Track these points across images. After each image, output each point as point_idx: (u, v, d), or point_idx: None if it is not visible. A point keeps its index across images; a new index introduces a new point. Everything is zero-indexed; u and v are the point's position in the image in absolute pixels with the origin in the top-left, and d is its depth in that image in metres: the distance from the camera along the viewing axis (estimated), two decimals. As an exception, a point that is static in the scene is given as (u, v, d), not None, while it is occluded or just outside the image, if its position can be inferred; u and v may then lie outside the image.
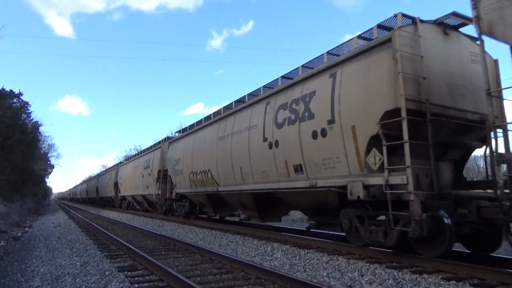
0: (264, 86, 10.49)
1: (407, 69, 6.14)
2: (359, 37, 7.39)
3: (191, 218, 15.83)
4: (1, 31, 42.46)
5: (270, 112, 9.36)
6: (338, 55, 7.97)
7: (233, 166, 10.95)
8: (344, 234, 7.60)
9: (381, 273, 5.61)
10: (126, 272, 6.03)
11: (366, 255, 6.87)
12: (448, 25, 7.00)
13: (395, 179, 5.98)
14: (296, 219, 16.81)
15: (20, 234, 13.08)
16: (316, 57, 8.50)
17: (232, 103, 12.35)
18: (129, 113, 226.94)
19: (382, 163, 6.25)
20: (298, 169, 8.26)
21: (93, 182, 47.22)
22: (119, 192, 29.59)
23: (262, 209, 10.78)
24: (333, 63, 7.51)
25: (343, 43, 7.89)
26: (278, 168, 8.91)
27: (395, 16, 6.59)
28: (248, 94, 11.34)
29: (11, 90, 30.49)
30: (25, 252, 8.79)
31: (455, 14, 6.75)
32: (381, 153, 6.24)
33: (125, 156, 53.55)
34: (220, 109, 13.20)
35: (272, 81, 10.14)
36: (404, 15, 6.57)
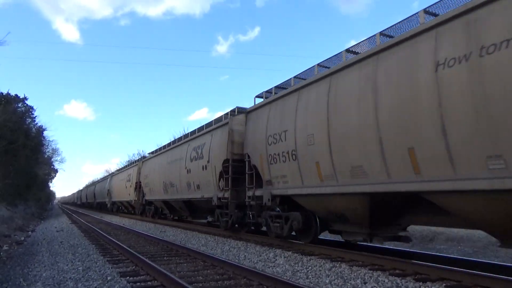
0: (190, 132, 16.43)
1: (236, 138, 12.04)
2: (227, 113, 13.33)
3: (156, 218, 21.78)
4: (8, 37, 43.52)
5: (189, 151, 15.31)
6: (221, 119, 13.86)
7: (173, 183, 16.90)
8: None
9: (384, 281, 5.59)
10: (128, 278, 6.07)
11: (370, 262, 6.93)
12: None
13: (226, 194, 11.90)
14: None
15: (23, 238, 13.35)
16: (209, 122, 14.50)
17: (176, 139, 18.37)
18: (134, 118, 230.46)
19: (223, 186, 12.17)
20: (198, 187, 14.18)
21: (91, 188, 53.52)
22: (111, 198, 35.59)
23: (191, 211, 16.71)
24: (210, 129, 13.55)
25: (220, 116, 13.80)
26: (191, 186, 14.83)
27: (234, 109, 12.56)
28: (183, 135, 17.31)
29: (16, 95, 30.62)
30: (28, 256, 8.89)
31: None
32: (224, 181, 12.16)
33: (128, 161, 57.36)
34: (171, 142, 19.20)
35: (192, 130, 16.11)
36: (239, 108, 12.51)
